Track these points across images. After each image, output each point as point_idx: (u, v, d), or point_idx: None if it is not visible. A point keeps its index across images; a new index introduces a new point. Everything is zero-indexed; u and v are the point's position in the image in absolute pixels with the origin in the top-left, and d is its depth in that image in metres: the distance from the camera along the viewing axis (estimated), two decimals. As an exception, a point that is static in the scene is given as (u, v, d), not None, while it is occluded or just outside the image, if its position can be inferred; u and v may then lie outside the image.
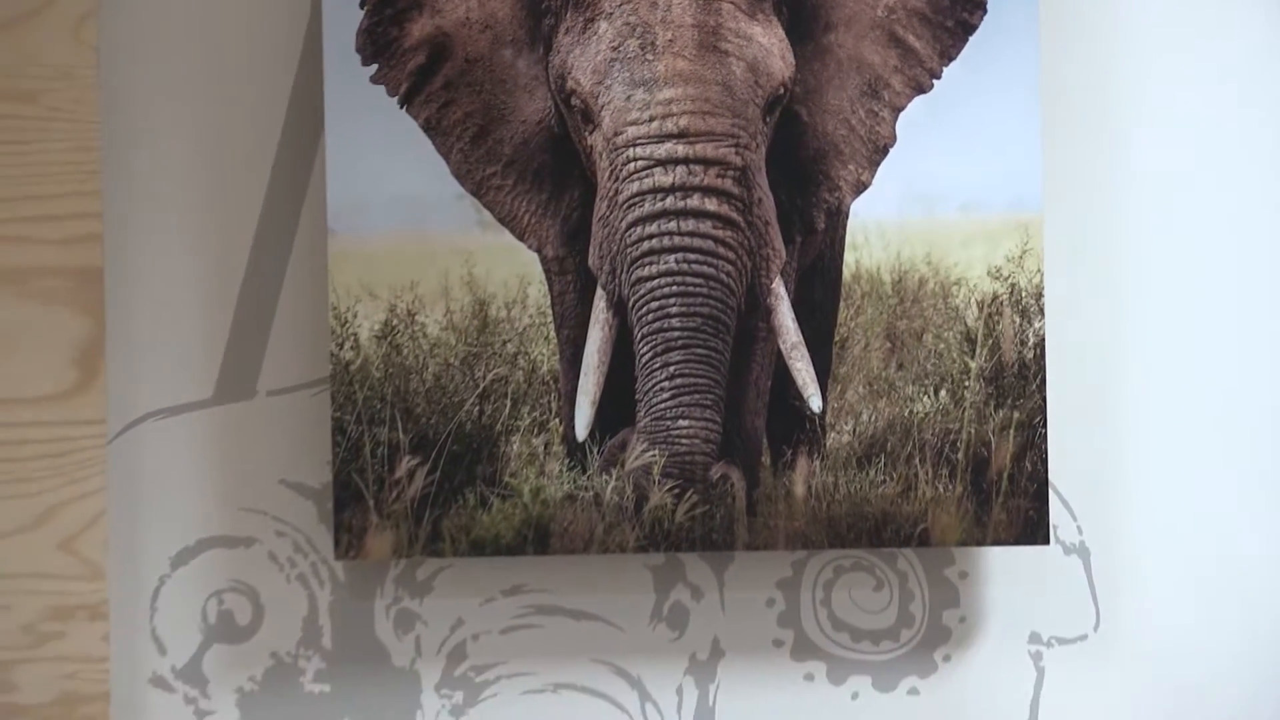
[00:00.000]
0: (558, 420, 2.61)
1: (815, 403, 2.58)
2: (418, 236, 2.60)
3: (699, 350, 2.55)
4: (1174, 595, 2.73)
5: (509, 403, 2.60)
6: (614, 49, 2.53)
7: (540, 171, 2.60)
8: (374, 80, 2.53)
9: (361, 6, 2.58)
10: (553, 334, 2.62)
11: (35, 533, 2.52)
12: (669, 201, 2.53)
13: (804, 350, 2.57)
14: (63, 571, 2.52)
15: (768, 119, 2.55)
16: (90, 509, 2.52)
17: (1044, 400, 2.59)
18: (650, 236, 2.54)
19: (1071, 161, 2.71)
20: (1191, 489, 2.73)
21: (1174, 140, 2.77)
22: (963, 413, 2.60)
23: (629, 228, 2.53)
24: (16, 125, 2.52)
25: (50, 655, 2.52)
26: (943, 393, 2.61)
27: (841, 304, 2.64)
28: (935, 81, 2.59)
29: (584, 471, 2.57)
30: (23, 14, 2.57)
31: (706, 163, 2.53)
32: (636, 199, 2.53)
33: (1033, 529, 2.58)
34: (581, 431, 2.56)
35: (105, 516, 2.54)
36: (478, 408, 2.59)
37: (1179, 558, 2.73)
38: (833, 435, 2.61)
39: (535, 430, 2.61)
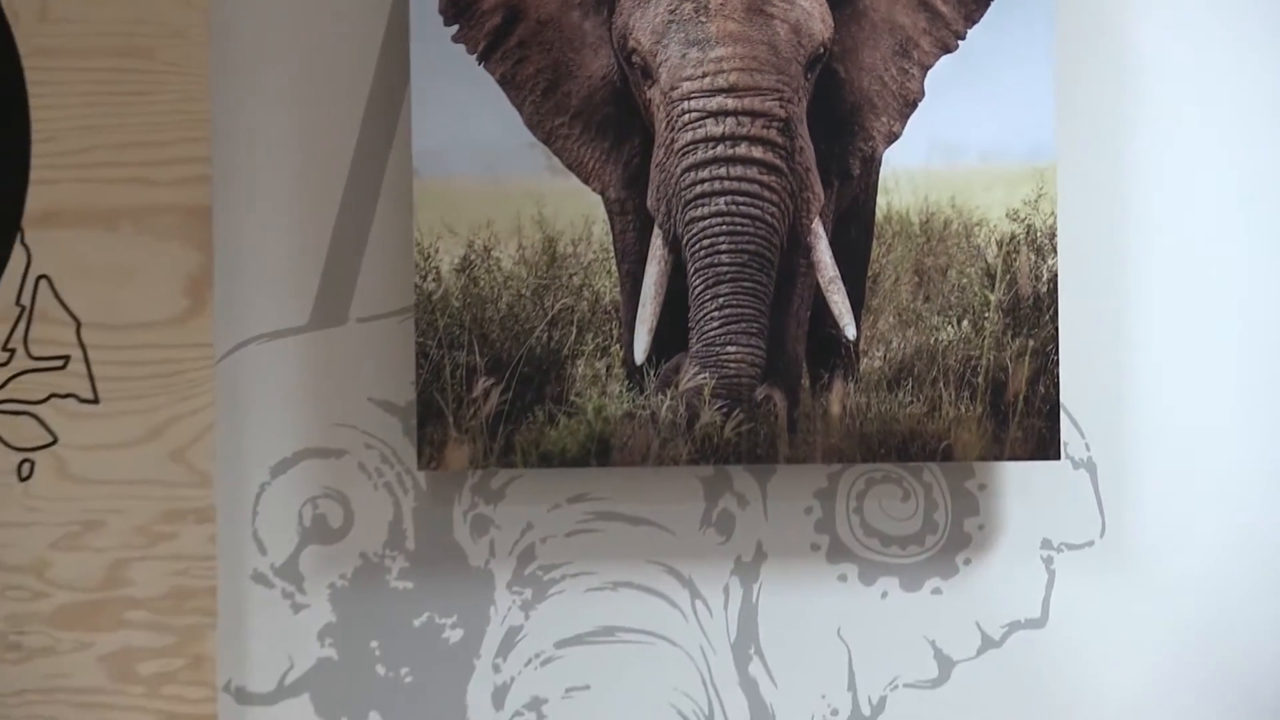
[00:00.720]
0: (618, 346, 2.64)
1: (850, 331, 2.62)
2: (493, 180, 2.64)
3: (745, 284, 2.60)
4: (1173, 506, 2.76)
5: (575, 330, 2.64)
6: (671, 12, 2.58)
7: (604, 122, 2.64)
8: (455, 39, 2.59)
9: (444, -28, 2.65)
10: (614, 268, 2.65)
11: (150, 444, 2.58)
12: (719, 149, 2.58)
13: (840, 284, 2.63)
14: (174, 479, 2.57)
15: (809, 75, 2.60)
16: (199, 423, 2.58)
17: (1056, 330, 2.64)
18: (702, 181, 2.59)
19: (1083, 114, 2.73)
20: (1190, 409, 2.76)
21: (1180, 93, 2.77)
22: (983, 341, 2.64)
23: (683, 173, 2.58)
24: (135, 79, 2.56)
25: (163, 554, 2.58)
26: (965, 323, 2.65)
27: (874, 242, 2.67)
28: (960, 42, 2.63)
29: (642, 392, 2.62)
30: (141, -22, 2.60)
31: (753, 115, 2.58)
32: (690, 147, 2.58)
33: (1045, 445, 2.63)
34: (640, 356, 2.61)
35: (212, 430, 2.59)
36: (546, 334, 2.63)
37: (1178, 472, 2.76)
38: (865, 360, 2.65)
39: (598, 354, 2.64)
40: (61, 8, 2.57)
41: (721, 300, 2.60)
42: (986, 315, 2.66)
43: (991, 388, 2.64)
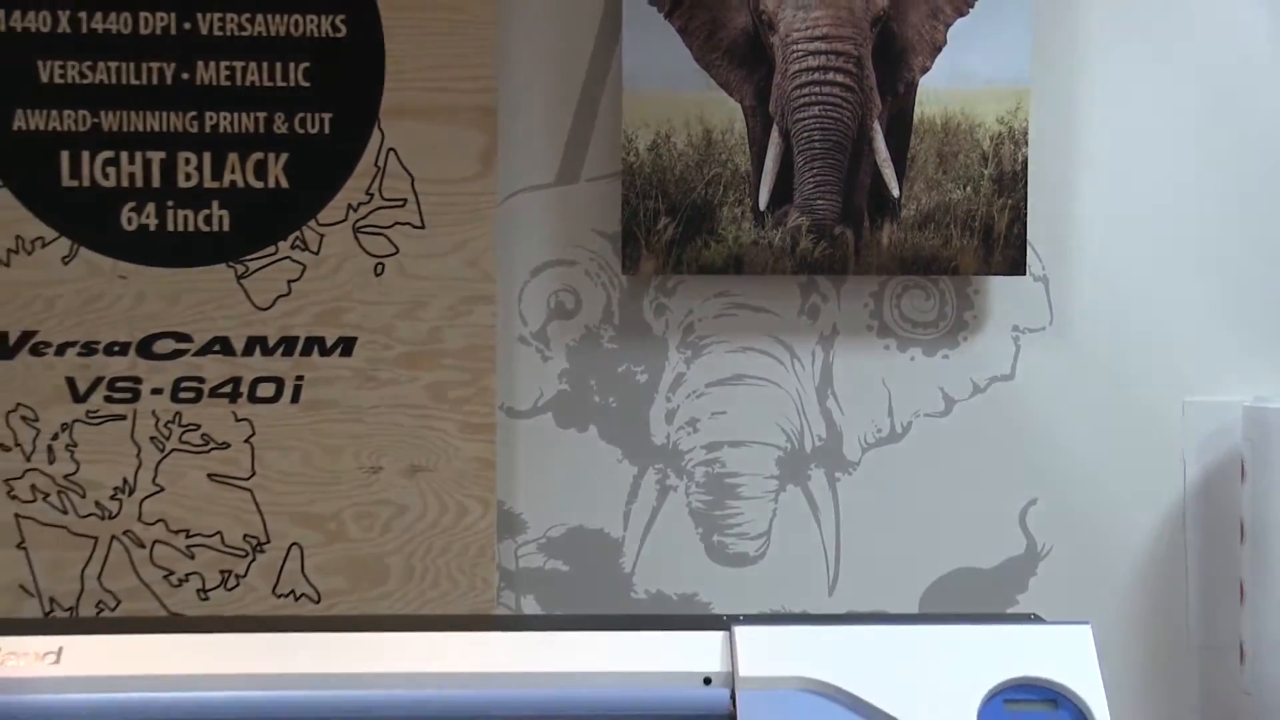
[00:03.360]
0: (749, 199, 2.83)
1: (895, 192, 2.83)
2: (672, 92, 2.82)
3: (829, 161, 2.82)
4: (1096, 305, 2.94)
5: (721, 188, 2.83)
6: None
7: (744, 57, 2.82)
8: (650, 2, 2.80)
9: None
10: (747, 149, 2.83)
11: (455, 255, 2.81)
12: (815, 76, 2.80)
13: (890, 162, 2.83)
14: (470, 277, 2.81)
15: (873, 30, 2.80)
16: (486, 242, 2.80)
17: (1026, 194, 2.84)
18: (804, 95, 2.81)
19: (1047, 57, 2.88)
20: (1108, 250, 2.93)
21: (1114, 44, 2.91)
22: (979, 199, 2.84)
23: (793, 90, 2.80)
24: (450, 24, 2.78)
25: (463, 323, 2.80)
26: (968, 188, 2.83)
27: (912, 136, 2.83)
28: (970, 8, 2.82)
29: (763, 228, 2.83)
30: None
31: (837, 54, 2.80)
32: (797, 73, 2.80)
33: (1016, 266, 2.85)
34: (762, 205, 2.82)
35: (493, 246, 2.80)
36: (704, 190, 2.83)
37: (1096, 286, 2.93)
38: (904, 211, 2.83)
39: (736, 204, 2.83)
40: (406, -22, 2.73)
41: (814, 170, 2.82)
42: (982, 184, 2.83)
43: (983, 229, 2.83)
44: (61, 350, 2.81)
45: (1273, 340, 2.96)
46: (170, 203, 2.81)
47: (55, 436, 2.82)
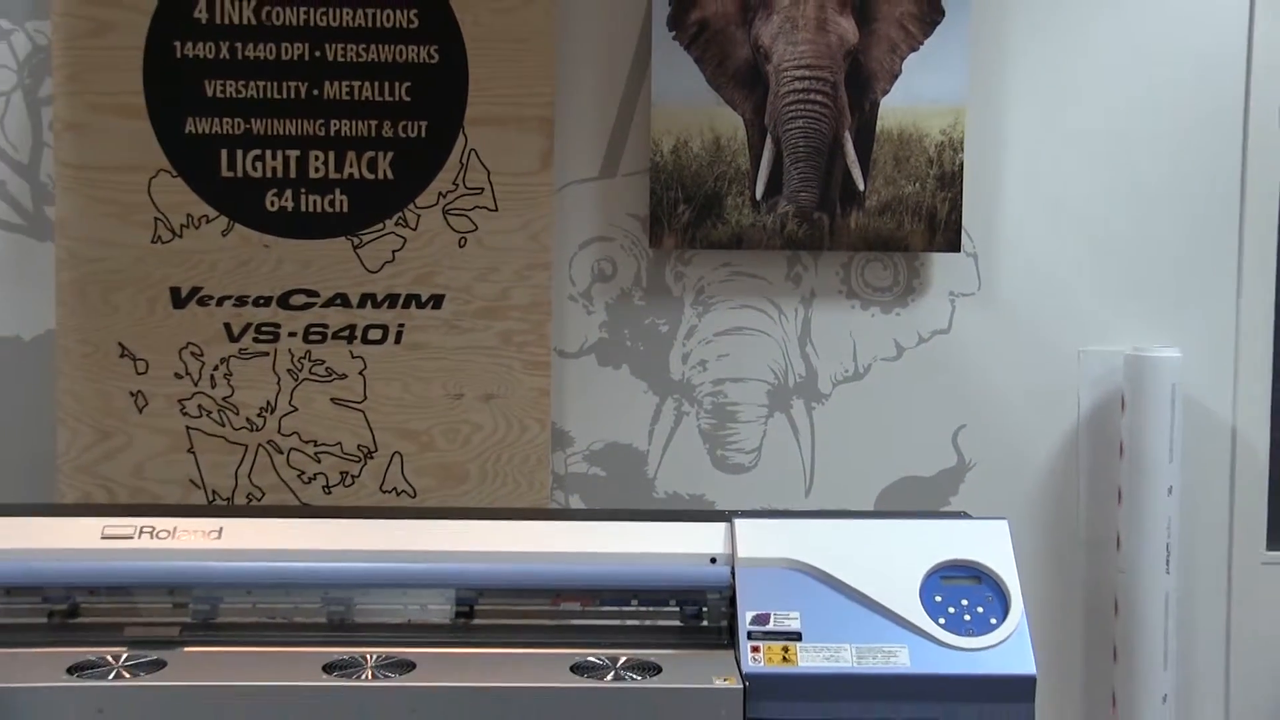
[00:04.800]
0: (749, 191, 2.83)
1: (861, 187, 2.83)
2: (689, 107, 2.81)
3: (811, 162, 2.82)
4: (1014, 276, 2.92)
5: (727, 182, 2.83)
6: (779, 27, 2.81)
7: (745, 80, 2.82)
8: (673, 38, 2.80)
9: (670, 4, 2.78)
10: (748, 152, 2.82)
11: (521, 231, 2.77)
12: (800, 96, 2.80)
13: (858, 163, 2.82)
14: (531, 248, 2.79)
15: (845, 61, 2.81)
16: (545, 222, 2.77)
17: (961, 189, 2.83)
18: (791, 110, 2.81)
19: (980, 82, 2.86)
20: (1022, 232, 2.89)
21: (1038, 86, 2.87)
22: (926, 193, 2.83)
23: (783, 107, 2.80)
24: (518, 54, 2.75)
25: (526, 284, 2.78)
26: (917, 184, 2.83)
27: (875, 143, 2.82)
28: (920, 45, 2.82)
29: (759, 213, 2.82)
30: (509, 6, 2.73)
31: (818, 79, 2.80)
32: (786, 94, 2.80)
33: (954, 245, 2.85)
34: (759, 196, 2.82)
35: (552, 224, 2.74)
36: (713, 184, 2.83)
37: (1018, 261, 2.92)
38: (868, 201, 2.83)
39: (738, 195, 2.83)
40: (485, 17, 2.74)
41: (799, 169, 2.82)
42: (928, 181, 2.83)
43: (928, 216, 2.83)
44: (220, 302, 2.82)
45: (1147, 305, 2.95)
46: (303, 190, 2.81)
47: (216, 368, 2.83)
